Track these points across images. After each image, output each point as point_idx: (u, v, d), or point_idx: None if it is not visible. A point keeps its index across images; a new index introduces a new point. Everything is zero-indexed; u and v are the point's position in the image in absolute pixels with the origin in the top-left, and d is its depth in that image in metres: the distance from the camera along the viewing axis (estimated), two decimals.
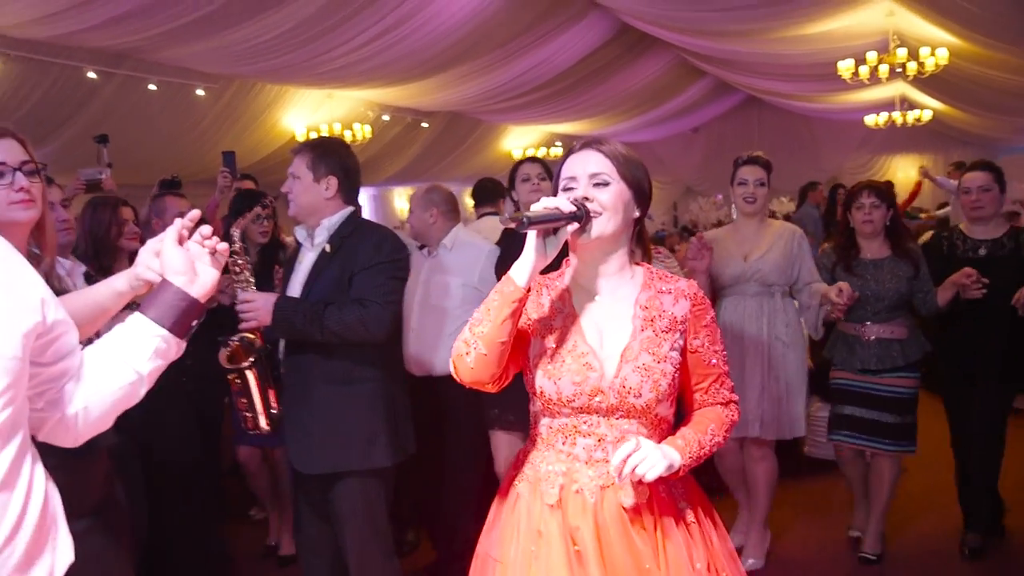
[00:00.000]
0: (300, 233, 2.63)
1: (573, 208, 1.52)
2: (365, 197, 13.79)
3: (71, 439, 1.33)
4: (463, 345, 1.57)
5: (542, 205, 1.50)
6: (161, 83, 7.60)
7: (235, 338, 2.46)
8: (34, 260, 1.72)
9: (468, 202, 15.83)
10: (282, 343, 2.59)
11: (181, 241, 1.43)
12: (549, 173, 3.26)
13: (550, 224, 1.50)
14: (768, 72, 10.70)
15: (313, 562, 2.62)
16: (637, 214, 1.64)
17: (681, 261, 3.43)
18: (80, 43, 6.56)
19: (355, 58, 7.88)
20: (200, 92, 8.03)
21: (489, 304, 1.55)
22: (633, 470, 1.47)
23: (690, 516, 1.65)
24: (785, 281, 3.33)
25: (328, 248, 2.51)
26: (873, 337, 3.32)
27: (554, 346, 1.61)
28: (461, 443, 3.39)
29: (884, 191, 3.33)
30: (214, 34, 6.59)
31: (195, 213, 1.47)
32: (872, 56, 8.09)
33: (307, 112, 9.69)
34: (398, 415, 2.56)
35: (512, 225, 1.45)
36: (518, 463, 1.72)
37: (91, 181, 3.88)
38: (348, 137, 10.07)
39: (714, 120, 16.19)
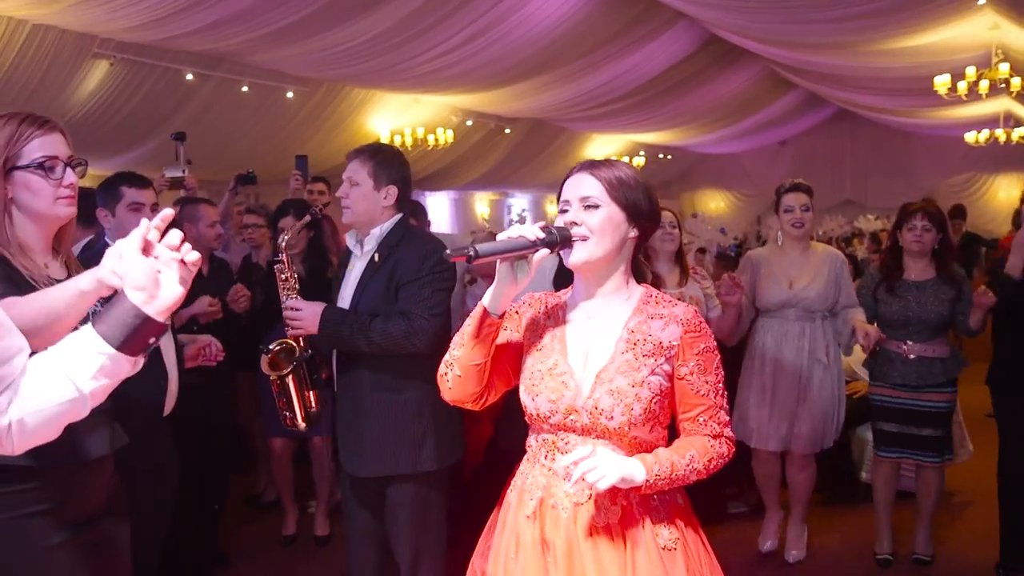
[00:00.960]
0: (350, 240, 2.64)
1: (540, 235, 1.55)
2: (446, 200, 13.97)
3: (7, 449, 1.24)
4: (444, 367, 1.69)
5: (506, 234, 1.57)
6: (254, 85, 7.86)
7: (275, 345, 2.58)
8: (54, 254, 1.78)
9: (549, 209, 15.85)
10: (335, 352, 2.65)
11: (148, 249, 1.28)
12: None
13: (509, 254, 1.55)
14: (861, 86, 10.36)
15: (359, 553, 2.69)
16: (634, 234, 1.66)
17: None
18: (181, 46, 6.85)
19: (441, 64, 7.99)
20: (290, 94, 8.28)
21: (464, 329, 1.64)
22: (584, 476, 1.48)
23: (668, 538, 1.61)
24: (827, 308, 3.50)
25: (376, 257, 2.54)
26: (914, 356, 3.42)
27: (539, 364, 1.67)
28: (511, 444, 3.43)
29: (937, 216, 3.41)
30: (307, 38, 6.79)
31: (167, 213, 1.32)
32: (971, 71, 7.75)
33: (392, 116, 9.87)
34: (445, 420, 2.58)
35: (460, 258, 1.51)
36: (513, 473, 1.77)
37: (174, 179, 4.06)
38: (431, 141, 10.22)
39: (803, 133, 15.78)
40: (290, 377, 2.57)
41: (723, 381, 1.67)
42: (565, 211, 1.64)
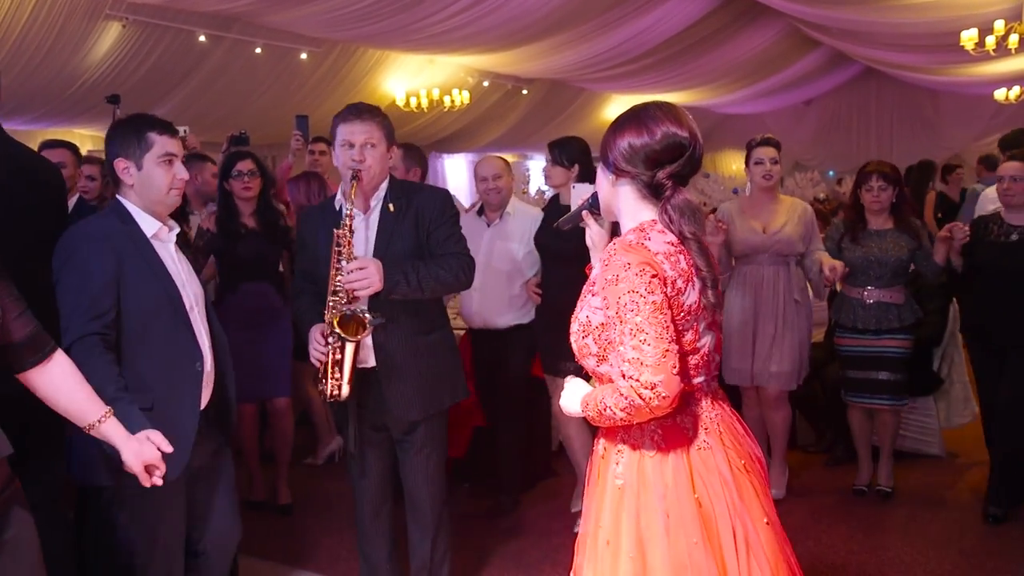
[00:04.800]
0: (343, 201, 2.56)
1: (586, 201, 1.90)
2: (463, 163, 13.90)
3: None
4: None
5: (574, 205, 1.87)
6: (267, 47, 7.82)
7: (356, 310, 2.47)
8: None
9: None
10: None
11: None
12: (562, 158, 3.55)
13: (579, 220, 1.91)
14: (886, 42, 10.09)
15: (362, 483, 2.78)
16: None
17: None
18: (194, 7, 6.82)
19: (455, 23, 7.89)
20: (304, 56, 8.23)
21: None
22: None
23: (620, 473, 1.69)
24: (798, 252, 3.77)
25: (392, 207, 2.59)
26: (873, 301, 3.73)
27: None
28: (511, 391, 3.86)
29: (891, 174, 3.71)
30: None
31: None
32: (1000, 25, 7.50)
33: (407, 77, 9.80)
34: (457, 357, 2.85)
35: (568, 227, 1.96)
36: None
37: None
38: (447, 103, 10.14)
39: (828, 93, 15.44)
40: (353, 345, 2.49)
41: (636, 323, 1.56)
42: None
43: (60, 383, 1.83)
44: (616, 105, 13.84)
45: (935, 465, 4.28)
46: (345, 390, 2.50)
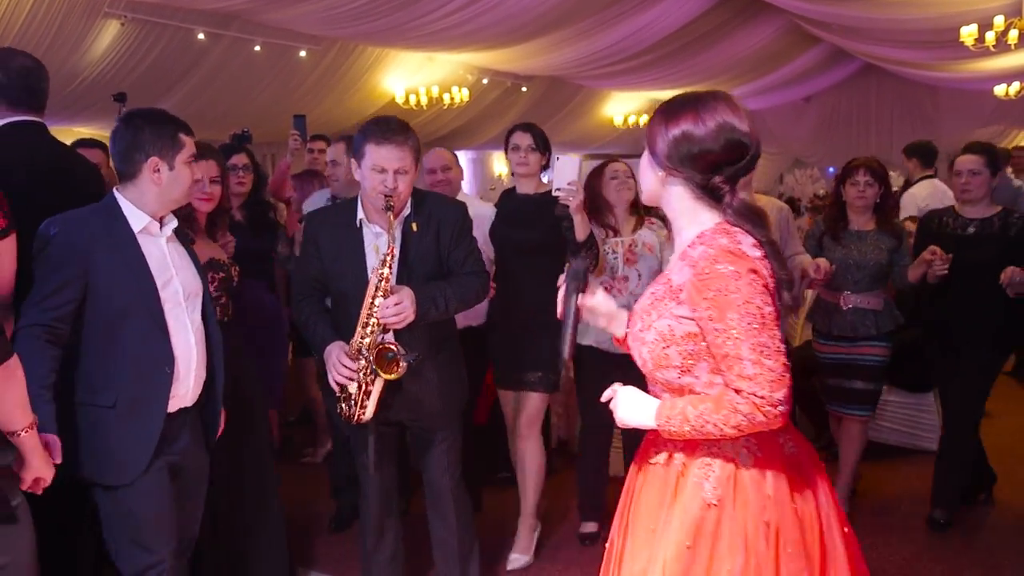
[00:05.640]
0: (364, 219, 2.59)
1: None
2: (464, 160, 13.89)
3: None
4: None
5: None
6: (266, 45, 7.81)
7: (393, 348, 2.48)
8: None
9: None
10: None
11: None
12: (541, 144, 3.34)
13: None
14: (886, 39, 10.08)
15: (372, 479, 2.78)
16: (661, 174, 1.63)
17: None
18: (192, 5, 6.80)
19: (454, 20, 7.88)
20: (303, 54, 8.22)
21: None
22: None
23: (711, 493, 1.55)
24: None
25: (415, 226, 2.58)
26: (850, 306, 3.55)
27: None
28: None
29: (879, 171, 3.55)
30: None
31: None
32: (1000, 20, 7.48)
33: (406, 75, 9.78)
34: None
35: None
36: None
37: None
38: (446, 100, 10.13)
39: (828, 89, 15.42)
40: (383, 380, 2.52)
41: (757, 339, 1.47)
42: None
43: (3, 390, 1.71)
44: (615, 102, 13.83)
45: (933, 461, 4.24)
46: (368, 416, 2.54)
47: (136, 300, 2.15)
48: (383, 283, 2.46)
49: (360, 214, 2.61)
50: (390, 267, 2.47)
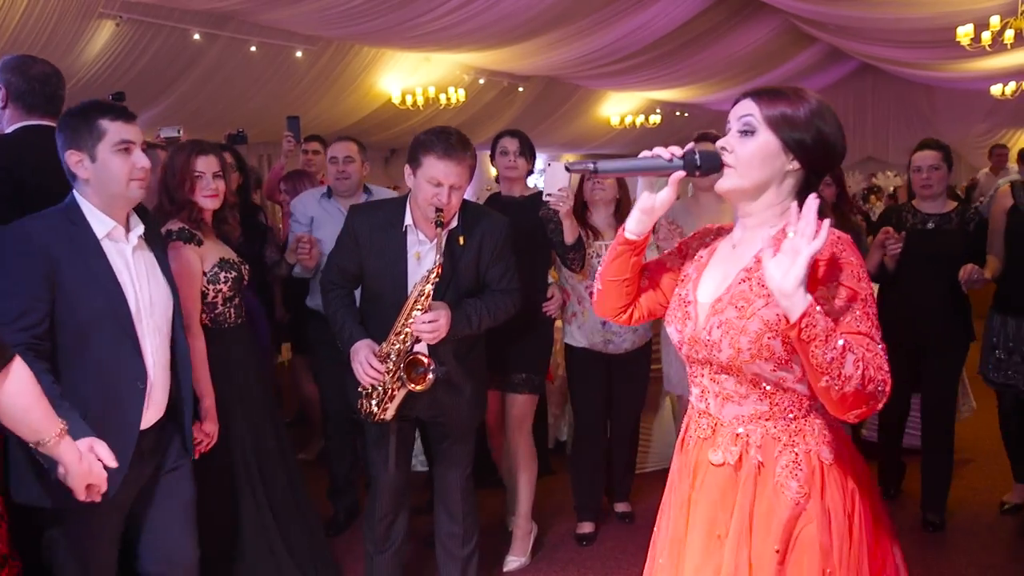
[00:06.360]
0: (411, 228, 2.60)
1: (676, 154, 1.54)
2: None
3: None
4: (594, 281, 1.79)
5: (641, 155, 1.57)
6: (262, 45, 7.79)
7: (425, 362, 2.51)
8: None
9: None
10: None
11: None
12: (527, 150, 3.43)
13: (636, 173, 1.69)
14: (882, 38, 10.10)
15: (384, 477, 2.79)
16: (793, 166, 1.51)
17: None
18: (188, 5, 6.78)
19: (451, 20, 7.87)
20: (299, 54, 8.20)
21: (610, 248, 1.71)
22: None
23: (797, 491, 1.48)
24: None
25: (462, 240, 2.58)
26: None
27: (679, 292, 1.67)
28: None
29: (834, 172, 3.53)
30: None
31: None
32: (996, 20, 7.49)
33: (403, 75, 9.77)
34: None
35: (579, 171, 1.62)
36: None
37: (170, 139, 4.00)
38: (443, 101, 10.12)
39: (824, 89, 15.42)
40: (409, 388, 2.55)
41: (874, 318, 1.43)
42: (727, 132, 1.57)
43: (16, 395, 1.65)
44: (612, 102, 13.83)
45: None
46: (388, 416, 2.59)
47: (103, 312, 2.02)
48: (423, 298, 2.47)
49: (408, 220, 2.60)
50: (433, 284, 2.47)
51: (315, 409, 4.53)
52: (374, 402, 2.57)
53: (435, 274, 2.45)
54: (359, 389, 2.59)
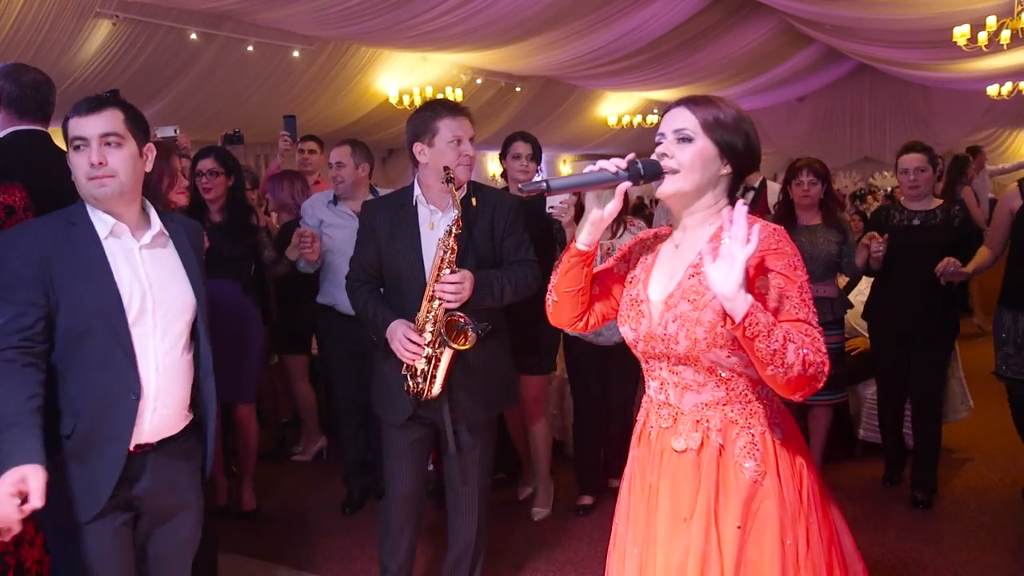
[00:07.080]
0: (423, 206, 2.63)
1: (621, 167, 1.60)
2: None
3: None
4: (548, 293, 1.81)
5: (586, 169, 1.62)
6: (259, 45, 7.79)
7: (463, 320, 2.49)
8: None
9: (563, 169, 15.66)
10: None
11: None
12: (537, 154, 3.72)
13: (584, 188, 1.65)
14: (879, 39, 10.11)
15: (399, 479, 2.75)
16: (727, 171, 1.65)
17: None
18: (185, 5, 6.78)
19: (448, 20, 7.87)
20: (296, 54, 8.20)
21: (561, 257, 1.74)
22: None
23: (754, 470, 1.59)
24: None
25: (475, 201, 2.60)
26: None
27: (628, 294, 1.74)
28: None
29: (820, 170, 3.76)
30: None
31: None
32: (992, 21, 7.51)
33: (400, 75, 9.77)
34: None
35: (534, 192, 1.60)
36: None
37: (166, 139, 3.99)
38: None
39: (821, 89, 15.48)
40: (452, 351, 2.52)
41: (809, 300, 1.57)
42: (659, 143, 1.66)
43: None
44: (609, 103, 13.84)
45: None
46: (437, 390, 2.54)
47: (97, 318, 1.89)
48: (449, 254, 2.47)
49: (416, 192, 2.63)
50: (455, 238, 2.46)
51: (309, 409, 4.53)
52: (419, 379, 2.51)
53: (456, 226, 2.46)
54: (403, 371, 2.54)
